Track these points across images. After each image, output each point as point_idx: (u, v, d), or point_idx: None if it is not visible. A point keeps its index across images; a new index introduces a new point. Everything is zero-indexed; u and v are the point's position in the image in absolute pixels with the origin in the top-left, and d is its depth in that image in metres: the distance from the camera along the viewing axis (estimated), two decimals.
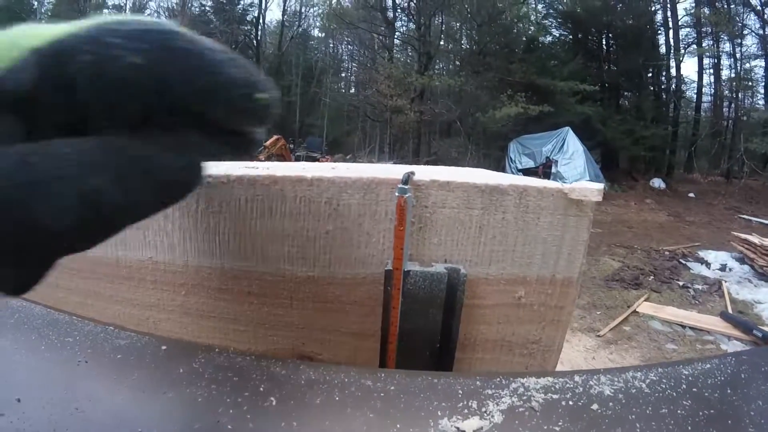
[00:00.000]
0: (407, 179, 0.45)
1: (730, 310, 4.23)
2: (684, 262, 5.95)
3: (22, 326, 0.47)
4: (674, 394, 0.41)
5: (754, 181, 12.51)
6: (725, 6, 12.98)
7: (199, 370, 0.42)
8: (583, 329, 3.91)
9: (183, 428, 0.35)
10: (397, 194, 0.44)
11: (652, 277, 5.33)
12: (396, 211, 0.44)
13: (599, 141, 12.71)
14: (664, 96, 14.42)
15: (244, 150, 0.26)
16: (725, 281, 5.10)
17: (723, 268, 5.60)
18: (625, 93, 15.09)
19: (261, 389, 0.39)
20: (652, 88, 14.56)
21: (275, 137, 9.03)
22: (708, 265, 5.79)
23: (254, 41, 17.34)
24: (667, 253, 6.34)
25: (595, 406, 0.39)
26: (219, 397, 0.39)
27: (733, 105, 14.09)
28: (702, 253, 6.28)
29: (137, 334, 0.47)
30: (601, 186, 0.48)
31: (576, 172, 10.12)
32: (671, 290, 4.95)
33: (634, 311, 4.26)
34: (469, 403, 0.38)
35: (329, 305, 0.51)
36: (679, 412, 0.39)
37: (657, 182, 12.37)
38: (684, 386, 0.42)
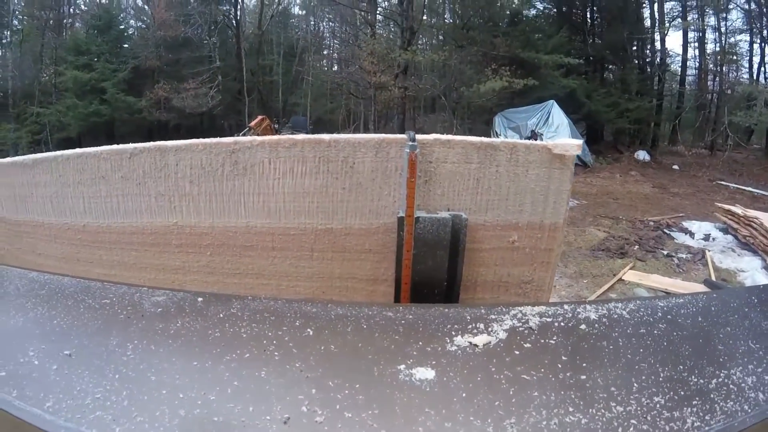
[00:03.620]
0: (414, 137, 0.51)
1: (713, 278, 4.36)
2: (668, 232, 6.09)
3: (56, 295, 0.51)
4: (651, 319, 0.49)
5: (738, 153, 12.71)
6: None
7: (238, 314, 0.48)
8: (570, 297, 4.03)
9: (235, 358, 0.41)
10: (407, 150, 0.50)
11: (637, 246, 5.47)
12: (407, 164, 0.50)
13: (584, 114, 12.80)
14: (649, 69, 14.48)
15: None
16: (709, 250, 5.24)
17: (707, 237, 5.75)
18: (610, 66, 15.13)
19: (297, 324, 0.46)
20: (636, 62, 14.60)
21: (260, 117, 9.00)
22: (692, 234, 5.94)
23: (233, 21, 17.02)
24: (651, 223, 6.49)
25: (583, 326, 0.47)
26: (262, 332, 0.45)
27: (717, 78, 14.20)
28: (686, 224, 6.43)
29: (172, 291, 0.53)
30: (580, 141, 0.55)
31: None
32: (656, 259, 5.09)
33: (620, 279, 4.40)
34: (477, 326, 0.46)
35: (346, 254, 0.58)
36: (655, 332, 0.46)
37: (642, 154, 12.51)
38: (660, 314, 0.50)
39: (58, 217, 0.64)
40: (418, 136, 0.53)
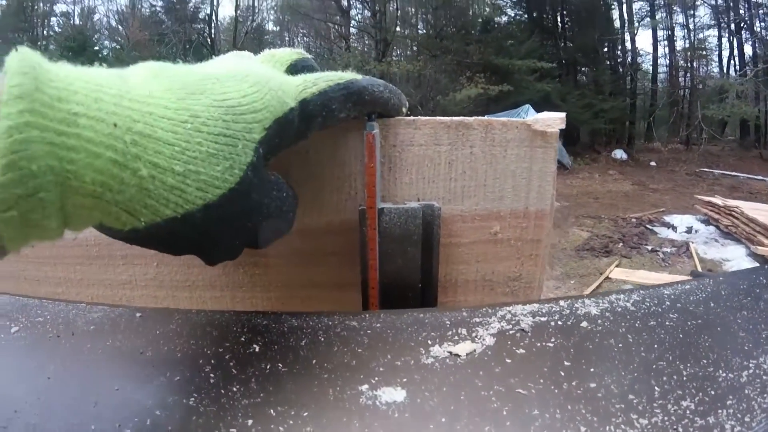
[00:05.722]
0: (374, 117, 0.44)
1: (699, 269, 4.38)
2: (651, 227, 6.12)
3: None
4: (659, 309, 0.42)
5: (713, 146, 12.96)
6: None
7: (177, 330, 0.41)
8: None
9: (163, 381, 0.34)
10: (365, 131, 0.43)
11: (621, 244, 5.47)
12: (365, 147, 0.43)
13: None
14: (621, 69, 14.74)
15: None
16: (692, 242, 5.26)
17: (689, 230, 5.78)
18: (583, 68, 15.36)
19: (242, 339, 0.38)
20: (608, 62, 14.86)
21: None
22: (674, 228, 5.96)
23: (208, 39, 16.94)
24: (633, 220, 6.52)
25: (584, 324, 0.39)
26: (199, 350, 0.37)
27: (688, 74, 14.51)
28: (668, 218, 6.46)
29: (110, 307, 0.46)
30: (563, 114, 0.49)
31: None
32: (641, 255, 5.09)
33: (607, 277, 4.37)
34: (459, 331, 0.38)
35: (306, 258, 0.50)
36: (667, 323, 0.39)
37: (619, 153, 12.68)
38: (668, 303, 0.43)
39: None
40: (379, 119, 0.46)
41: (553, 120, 0.49)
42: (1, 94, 0.23)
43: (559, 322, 0.40)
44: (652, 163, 11.84)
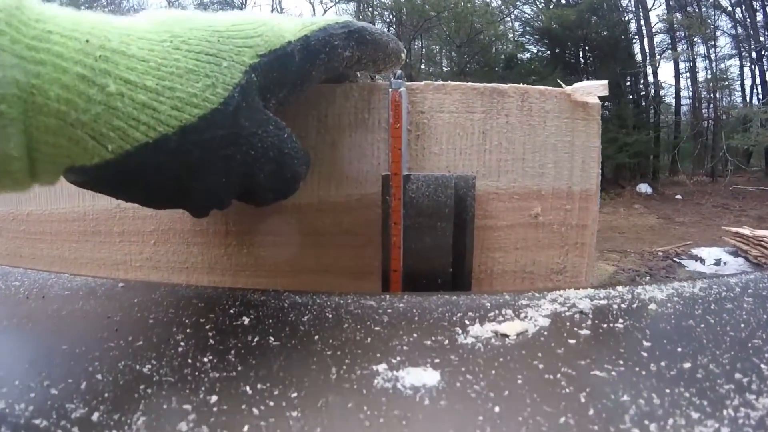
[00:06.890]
0: (400, 75, 0.39)
1: None
2: (678, 260, 5.90)
3: None
4: (731, 295, 0.36)
5: (739, 177, 12.62)
6: (696, 10, 13.29)
7: (158, 300, 0.36)
8: None
9: (121, 345, 0.28)
10: (390, 89, 0.38)
11: (648, 277, 5.28)
12: (391, 107, 0.37)
13: None
14: (644, 102, 14.62)
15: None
16: (722, 275, 5.06)
17: (718, 262, 5.56)
18: (605, 103, 15.29)
19: (231, 312, 0.33)
20: (631, 96, 14.75)
21: None
22: (702, 261, 5.74)
23: None
24: (660, 253, 6.31)
25: (653, 306, 0.33)
26: (176, 319, 0.32)
27: (711, 105, 14.31)
28: (695, 251, 6.24)
29: (94, 278, 0.42)
30: (604, 81, 0.43)
31: None
32: None
33: None
34: (504, 312, 0.32)
35: (319, 238, 0.44)
36: (745, 305, 0.33)
37: (643, 187, 12.44)
38: (738, 290, 0.37)
39: (4, 206, 0.57)
40: (407, 83, 0.41)
41: (594, 87, 0.43)
42: None
43: (623, 305, 0.33)
44: (678, 196, 11.57)
